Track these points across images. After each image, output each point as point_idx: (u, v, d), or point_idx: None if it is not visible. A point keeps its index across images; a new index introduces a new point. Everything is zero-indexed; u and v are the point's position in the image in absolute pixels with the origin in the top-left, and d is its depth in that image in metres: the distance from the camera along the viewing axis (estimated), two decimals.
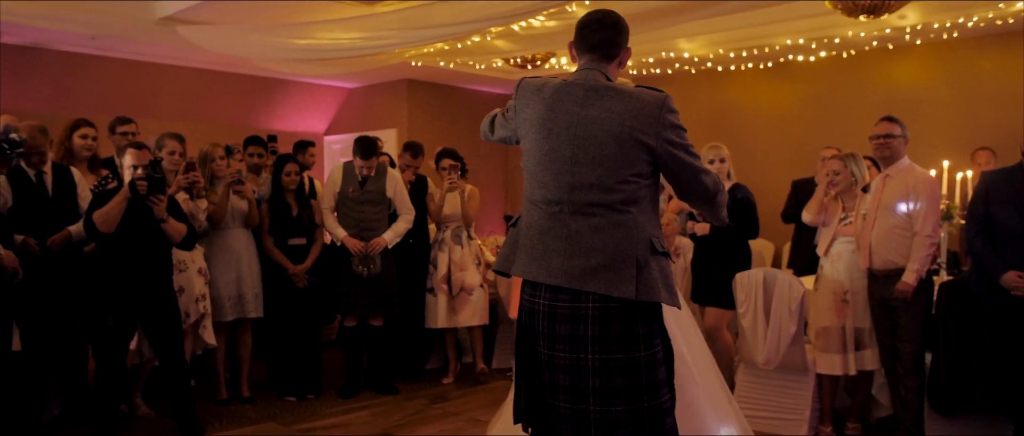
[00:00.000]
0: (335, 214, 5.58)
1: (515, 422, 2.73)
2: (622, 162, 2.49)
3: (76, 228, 4.56)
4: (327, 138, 10.87)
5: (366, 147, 5.42)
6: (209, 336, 5.01)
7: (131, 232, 4.37)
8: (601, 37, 2.63)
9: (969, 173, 5.63)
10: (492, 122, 2.91)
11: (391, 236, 5.51)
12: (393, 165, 6.05)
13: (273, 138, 6.61)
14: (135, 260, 4.44)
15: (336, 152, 10.54)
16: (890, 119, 4.47)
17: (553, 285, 2.51)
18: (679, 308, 2.68)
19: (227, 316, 5.22)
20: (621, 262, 2.46)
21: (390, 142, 9.76)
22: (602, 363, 2.47)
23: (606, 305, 2.46)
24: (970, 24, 6.73)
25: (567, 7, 5.73)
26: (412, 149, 6.16)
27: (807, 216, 4.90)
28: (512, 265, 2.64)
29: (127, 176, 4.40)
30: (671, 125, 2.52)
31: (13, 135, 4.29)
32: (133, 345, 4.75)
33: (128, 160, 4.42)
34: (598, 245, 2.48)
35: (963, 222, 4.87)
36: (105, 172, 5.02)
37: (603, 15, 2.66)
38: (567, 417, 2.51)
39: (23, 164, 4.53)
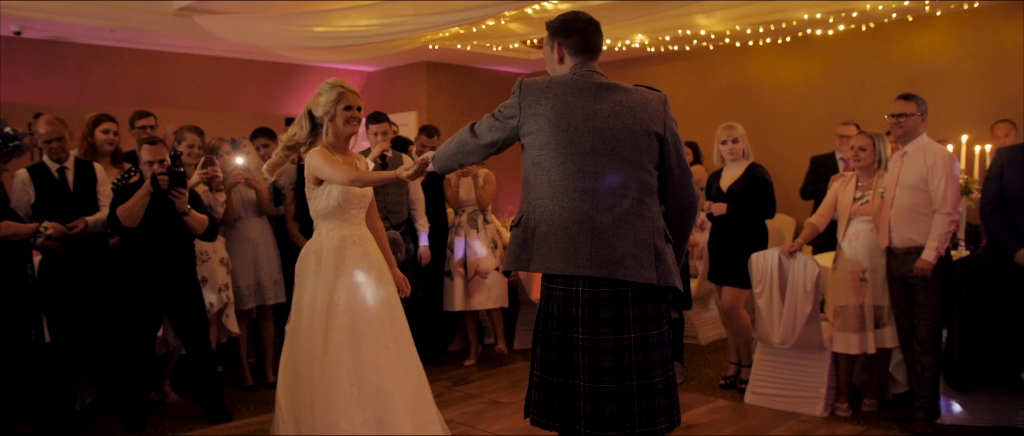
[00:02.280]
0: None
1: (525, 415, 2.78)
2: (637, 152, 2.64)
3: (92, 218, 4.63)
4: None
5: (376, 115, 5.62)
6: (232, 324, 5.13)
7: (154, 225, 4.46)
8: (598, 41, 2.77)
9: (988, 147, 5.57)
10: (468, 136, 2.77)
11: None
12: (406, 150, 6.12)
13: (291, 121, 6.74)
14: (159, 252, 4.54)
15: (358, 135, 10.61)
16: (905, 97, 4.43)
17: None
18: (681, 291, 2.75)
19: (247, 304, 5.33)
20: (643, 251, 2.60)
21: (410, 125, 9.81)
22: (642, 340, 2.62)
23: (640, 287, 2.60)
24: None
25: None
26: (427, 131, 6.26)
27: (819, 221, 4.88)
28: (530, 261, 2.65)
29: (145, 171, 4.48)
30: (673, 120, 2.71)
31: (8, 129, 4.40)
32: (160, 334, 4.87)
33: (145, 156, 4.50)
34: (623, 234, 2.58)
35: (980, 196, 4.85)
36: (127, 166, 5.12)
37: (590, 17, 2.77)
38: (612, 397, 2.59)
39: (45, 159, 4.64)
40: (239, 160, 5.28)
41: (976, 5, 7.10)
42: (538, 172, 2.65)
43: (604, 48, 8.36)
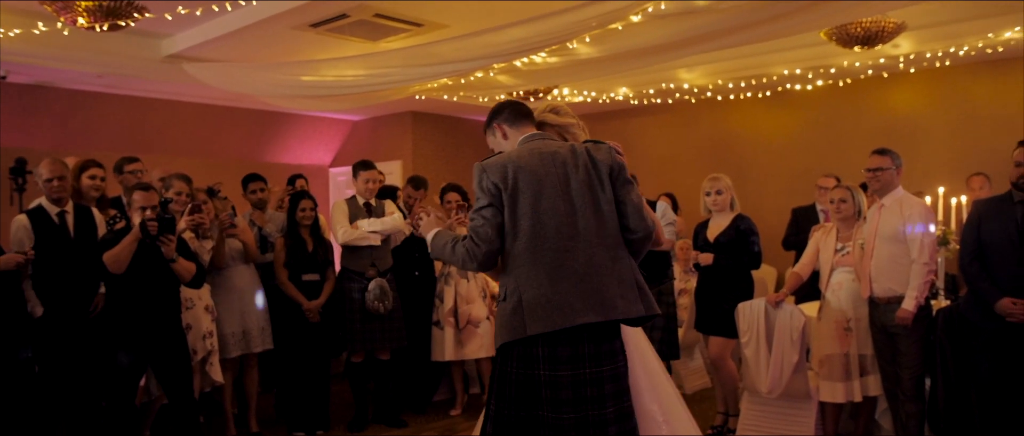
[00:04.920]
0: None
1: None
2: (607, 203, 2.89)
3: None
4: (332, 170, 10.97)
5: (365, 162, 5.73)
6: (216, 373, 5.05)
7: (141, 272, 4.42)
8: (526, 109, 3.09)
9: (964, 198, 5.70)
10: (475, 250, 2.88)
11: (379, 226, 5.60)
12: (394, 197, 6.18)
13: (294, 179, 6.76)
14: (145, 299, 4.48)
15: (342, 184, 10.64)
16: (881, 152, 4.55)
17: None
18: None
19: (232, 353, 5.26)
20: (628, 288, 2.86)
21: (395, 173, 9.86)
22: (614, 372, 2.83)
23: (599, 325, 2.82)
24: (961, 53, 6.83)
25: (568, 44, 5.84)
26: (413, 182, 6.32)
27: (803, 271, 4.97)
28: (526, 326, 2.74)
29: (136, 217, 4.46)
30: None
31: None
32: (142, 383, 4.80)
33: (137, 201, 4.49)
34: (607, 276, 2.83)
35: (959, 247, 4.95)
36: (113, 212, 5.10)
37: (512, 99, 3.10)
38: (571, 426, 2.75)
39: (44, 202, 4.63)
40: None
41: (948, 63, 7.32)
42: (521, 244, 2.82)
43: (589, 100, 8.63)
